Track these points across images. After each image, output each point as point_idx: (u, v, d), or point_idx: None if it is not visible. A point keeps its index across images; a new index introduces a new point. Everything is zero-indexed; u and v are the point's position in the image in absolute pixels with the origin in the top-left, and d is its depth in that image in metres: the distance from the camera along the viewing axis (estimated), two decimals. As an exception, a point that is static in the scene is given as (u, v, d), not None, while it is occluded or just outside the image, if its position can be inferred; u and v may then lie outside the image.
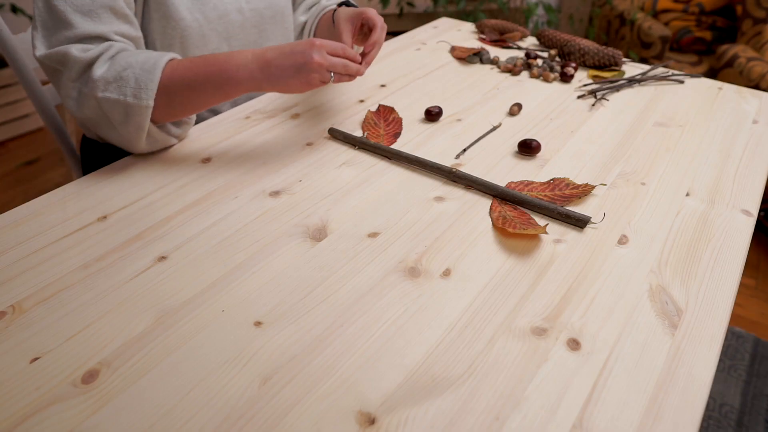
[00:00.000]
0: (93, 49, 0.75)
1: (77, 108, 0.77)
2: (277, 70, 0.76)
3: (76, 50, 0.75)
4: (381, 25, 0.92)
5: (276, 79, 0.76)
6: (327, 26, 1.07)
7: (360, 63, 0.83)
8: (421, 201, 0.76)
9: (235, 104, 1.04)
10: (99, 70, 0.74)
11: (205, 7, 0.91)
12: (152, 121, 0.78)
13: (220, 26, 0.94)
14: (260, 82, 0.77)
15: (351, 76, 0.81)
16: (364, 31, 0.96)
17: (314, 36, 1.10)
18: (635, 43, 2.48)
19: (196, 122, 0.93)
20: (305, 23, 1.12)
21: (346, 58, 0.80)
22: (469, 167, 0.84)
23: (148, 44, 0.90)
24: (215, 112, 1.02)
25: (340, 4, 1.08)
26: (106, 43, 0.77)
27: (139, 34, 0.83)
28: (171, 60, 0.78)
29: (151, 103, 0.74)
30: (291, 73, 0.76)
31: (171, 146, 0.86)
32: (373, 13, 0.94)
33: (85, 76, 0.75)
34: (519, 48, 1.35)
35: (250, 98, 1.07)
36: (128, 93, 0.74)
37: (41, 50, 0.76)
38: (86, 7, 0.76)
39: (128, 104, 0.74)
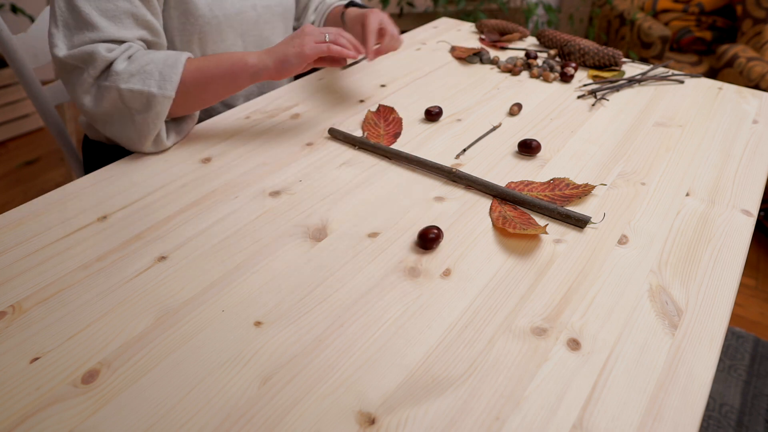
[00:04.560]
0: (116, 50, 0.79)
1: (95, 103, 0.79)
2: (279, 48, 0.82)
3: (103, 49, 0.77)
4: (374, 31, 0.96)
5: (278, 56, 0.81)
6: (335, 23, 1.12)
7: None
8: (421, 201, 0.76)
9: (246, 100, 1.05)
10: (120, 65, 0.78)
11: (224, 3, 0.94)
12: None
13: (236, 22, 0.96)
14: (266, 64, 0.82)
15: (348, 47, 0.84)
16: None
17: None
18: (635, 43, 2.48)
19: (198, 122, 0.93)
20: (313, 22, 1.15)
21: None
22: (469, 167, 0.84)
23: (168, 40, 0.92)
24: (217, 111, 1.03)
25: (348, 5, 1.11)
26: (126, 44, 0.80)
27: (158, 39, 0.86)
28: (189, 57, 0.82)
29: (173, 94, 0.78)
30: (287, 43, 0.82)
31: (171, 146, 0.87)
32: (374, 18, 0.97)
33: (106, 72, 0.78)
34: (519, 48, 1.35)
35: (250, 98, 1.07)
36: (152, 84, 0.77)
37: (63, 49, 0.78)
38: (111, 12, 0.79)
39: (152, 94, 0.77)
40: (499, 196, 0.77)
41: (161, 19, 0.88)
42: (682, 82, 1.16)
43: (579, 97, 1.08)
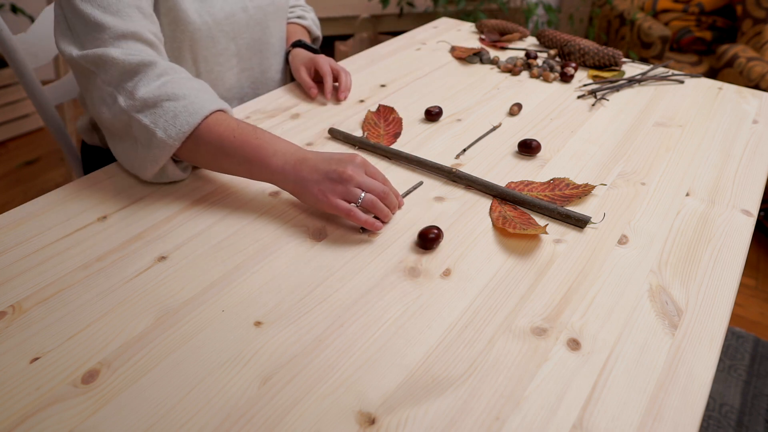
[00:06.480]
0: (136, 55, 0.72)
1: (109, 113, 0.73)
2: (307, 171, 0.69)
3: (116, 52, 0.72)
4: (329, 72, 1.02)
5: (302, 182, 0.69)
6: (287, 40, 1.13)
7: (401, 204, 0.74)
8: (421, 201, 0.76)
9: (240, 101, 1.04)
10: (143, 89, 0.71)
11: (213, 8, 0.91)
12: (173, 156, 0.74)
13: (227, 26, 0.94)
14: (288, 178, 0.69)
15: (370, 220, 0.68)
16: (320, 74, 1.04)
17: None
18: (635, 43, 2.48)
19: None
20: None
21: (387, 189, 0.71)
22: (469, 167, 0.84)
23: None
24: None
25: (295, 44, 1.09)
26: (151, 56, 0.74)
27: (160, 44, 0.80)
28: (219, 111, 0.73)
29: (178, 144, 0.70)
30: (317, 178, 0.68)
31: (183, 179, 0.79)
32: (324, 61, 1.04)
33: (128, 86, 0.72)
34: (519, 48, 1.35)
35: (244, 100, 1.07)
36: (160, 125, 0.70)
37: (74, 51, 0.73)
38: (113, 8, 0.74)
39: (154, 135, 0.70)
40: (499, 196, 0.77)
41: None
42: (682, 82, 1.16)
43: (579, 97, 1.08)
